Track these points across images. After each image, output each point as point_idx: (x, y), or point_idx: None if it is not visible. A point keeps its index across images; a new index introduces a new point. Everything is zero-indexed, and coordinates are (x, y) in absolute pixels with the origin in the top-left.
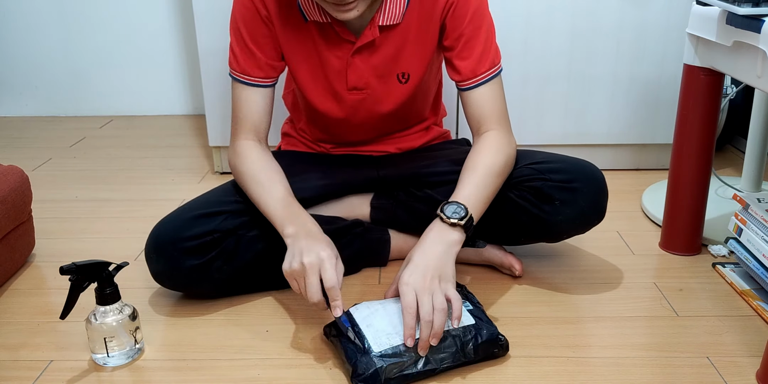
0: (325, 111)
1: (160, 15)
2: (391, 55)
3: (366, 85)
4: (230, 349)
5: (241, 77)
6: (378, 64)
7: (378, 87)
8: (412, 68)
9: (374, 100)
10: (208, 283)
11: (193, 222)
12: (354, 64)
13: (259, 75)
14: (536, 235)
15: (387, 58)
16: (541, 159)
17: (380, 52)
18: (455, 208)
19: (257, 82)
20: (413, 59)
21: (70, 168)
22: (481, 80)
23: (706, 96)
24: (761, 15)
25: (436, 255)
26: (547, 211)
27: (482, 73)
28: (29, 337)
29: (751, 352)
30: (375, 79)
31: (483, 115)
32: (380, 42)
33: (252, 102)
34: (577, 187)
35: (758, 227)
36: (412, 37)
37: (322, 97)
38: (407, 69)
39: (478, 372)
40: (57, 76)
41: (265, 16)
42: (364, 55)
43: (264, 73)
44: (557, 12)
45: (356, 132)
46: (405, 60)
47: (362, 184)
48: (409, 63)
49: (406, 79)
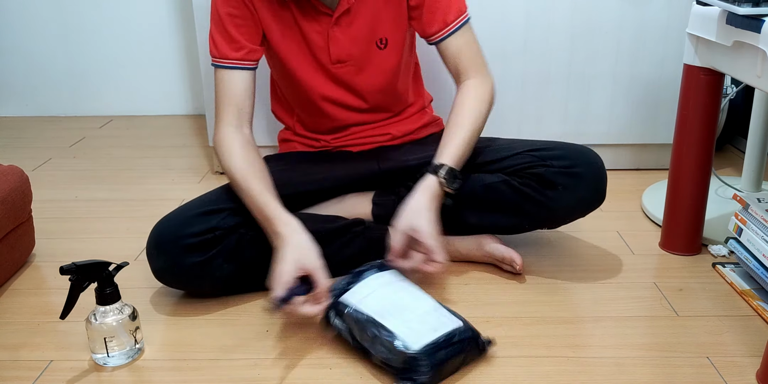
0: (316, 87)
1: (160, 15)
2: (368, 22)
3: (349, 56)
4: (230, 349)
5: (220, 62)
6: (357, 34)
7: (360, 56)
8: (388, 33)
9: (358, 70)
10: (209, 281)
11: (195, 219)
12: (334, 37)
13: (238, 57)
14: (539, 221)
15: (364, 25)
16: (541, 146)
17: (358, 21)
18: (454, 177)
19: (237, 64)
20: (389, 24)
21: (70, 168)
22: (452, 29)
23: (706, 96)
24: (761, 15)
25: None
26: (550, 197)
27: (452, 21)
28: (29, 337)
29: (751, 352)
30: (356, 49)
31: (460, 64)
32: (356, 10)
33: (232, 84)
34: (579, 172)
35: (758, 227)
36: (383, 1)
37: (312, 73)
38: (384, 34)
39: (478, 372)
40: (57, 76)
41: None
42: (343, 26)
43: (243, 54)
44: (557, 12)
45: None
46: (381, 25)
47: (364, 178)
48: (385, 28)
49: (384, 44)
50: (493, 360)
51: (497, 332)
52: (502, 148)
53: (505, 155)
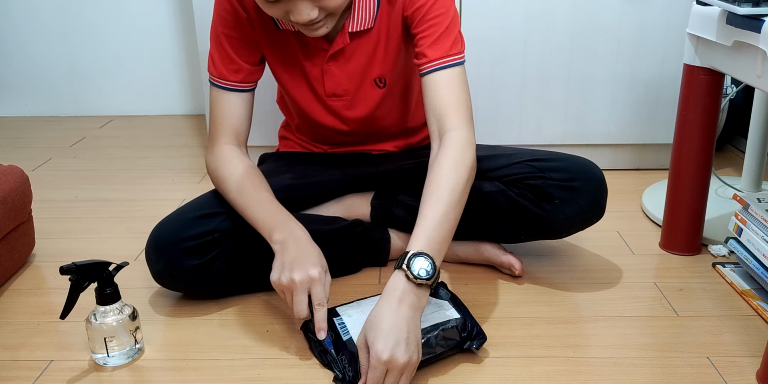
0: (314, 115)
1: (160, 15)
2: (365, 60)
3: (344, 91)
4: (230, 349)
5: (219, 82)
6: (354, 71)
7: (356, 93)
8: (387, 72)
9: (354, 106)
10: (209, 284)
11: (194, 222)
12: (330, 71)
13: (237, 79)
14: (536, 234)
15: (361, 63)
16: (541, 156)
17: (354, 58)
18: (422, 264)
19: (235, 86)
20: (388, 62)
21: (70, 168)
22: (442, 64)
23: (706, 96)
24: (761, 15)
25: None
26: (547, 210)
27: (444, 57)
28: (29, 337)
29: (751, 352)
30: (352, 85)
31: (443, 105)
32: (353, 48)
33: (231, 106)
34: (577, 186)
35: (758, 227)
36: (384, 39)
37: (309, 101)
38: (383, 73)
39: (478, 371)
40: (57, 76)
41: (246, 20)
42: (340, 62)
43: (242, 77)
44: (557, 12)
45: (349, 135)
46: (380, 64)
47: (361, 182)
48: (384, 66)
49: (383, 83)
50: (493, 360)
51: (497, 332)
52: (503, 156)
53: (504, 164)
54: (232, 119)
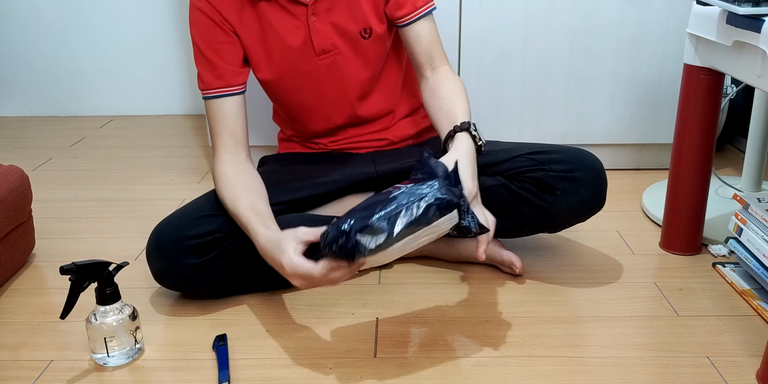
0: (301, 92)
1: (160, 15)
2: (346, 9)
3: (333, 45)
4: (230, 349)
5: (208, 93)
6: (337, 21)
7: (344, 46)
8: (371, 22)
9: (345, 60)
10: (208, 283)
11: (195, 222)
12: (315, 27)
13: (221, 84)
14: (538, 225)
15: (343, 13)
16: (540, 149)
17: (335, 9)
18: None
19: (223, 91)
20: (369, 12)
21: (70, 168)
22: (422, 13)
23: (706, 96)
24: (761, 15)
25: None
26: (549, 201)
27: (422, 6)
28: (29, 337)
29: (751, 352)
30: (339, 37)
31: (432, 49)
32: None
33: (223, 112)
34: (578, 176)
35: (758, 227)
36: None
37: (295, 79)
38: (366, 23)
39: (478, 371)
40: (57, 76)
41: (220, 21)
42: (321, 16)
43: (227, 80)
44: (557, 12)
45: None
46: (361, 14)
47: (361, 182)
48: (366, 17)
49: (368, 33)
50: (493, 360)
51: (497, 332)
52: (502, 150)
53: (504, 158)
54: (228, 125)
